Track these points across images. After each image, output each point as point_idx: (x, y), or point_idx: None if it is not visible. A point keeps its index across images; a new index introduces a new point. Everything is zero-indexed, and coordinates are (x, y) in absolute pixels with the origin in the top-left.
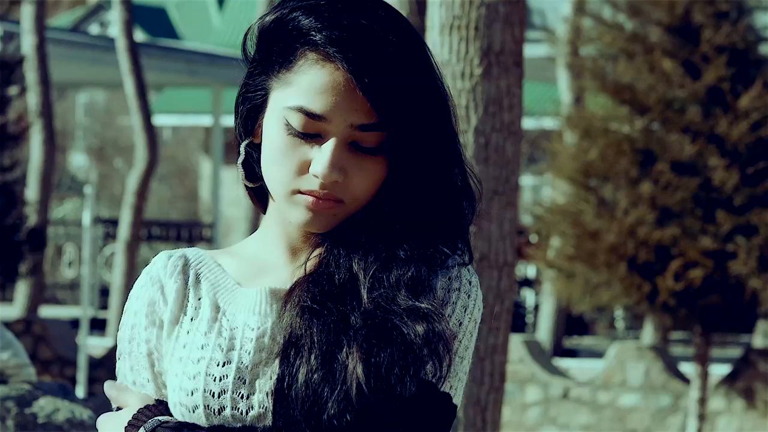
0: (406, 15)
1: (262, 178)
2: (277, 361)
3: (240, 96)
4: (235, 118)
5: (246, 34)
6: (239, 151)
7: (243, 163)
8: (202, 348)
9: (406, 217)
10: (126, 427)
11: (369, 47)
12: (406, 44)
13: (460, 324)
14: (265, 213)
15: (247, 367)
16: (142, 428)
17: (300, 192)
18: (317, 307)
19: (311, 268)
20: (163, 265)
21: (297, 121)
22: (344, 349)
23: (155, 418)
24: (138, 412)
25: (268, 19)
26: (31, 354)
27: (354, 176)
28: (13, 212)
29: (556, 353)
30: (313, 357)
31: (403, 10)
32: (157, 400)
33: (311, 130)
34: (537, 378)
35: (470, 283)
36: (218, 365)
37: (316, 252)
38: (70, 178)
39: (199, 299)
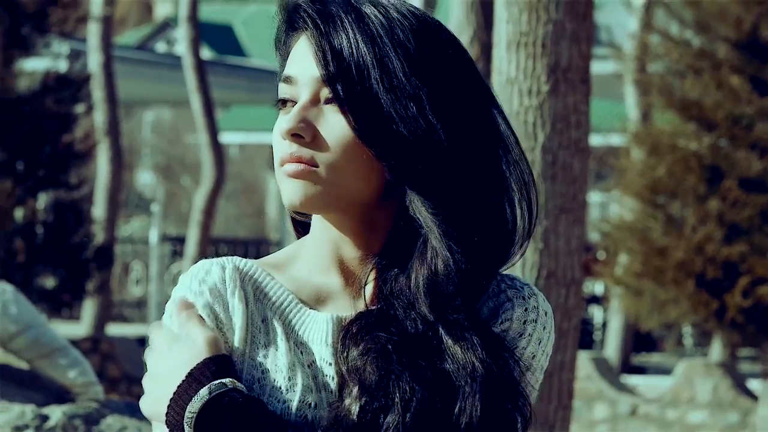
0: (472, 31)
1: None
2: (356, 405)
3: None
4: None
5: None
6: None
7: None
8: (289, 380)
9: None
10: (186, 377)
11: (338, 10)
12: (390, 18)
13: (533, 357)
14: (299, 236)
15: (333, 408)
16: (206, 388)
17: (281, 164)
18: (394, 356)
19: (370, 298)
20: (220, 278)
21: (280, 92)
22: (453, 409)
23: (221, 381)
24: (203, 364)
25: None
26: (98, 372)
27: (322, 132)
28: (81, 230)
29: (624, 370)
30: (408, 417)
31: (470, 27)
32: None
33: (291, 97)
34: (605, 395)
35: (546, 314)
36: (310, 407)
37: (371, 277)
38: (137, 196)
39: (263, 321)
